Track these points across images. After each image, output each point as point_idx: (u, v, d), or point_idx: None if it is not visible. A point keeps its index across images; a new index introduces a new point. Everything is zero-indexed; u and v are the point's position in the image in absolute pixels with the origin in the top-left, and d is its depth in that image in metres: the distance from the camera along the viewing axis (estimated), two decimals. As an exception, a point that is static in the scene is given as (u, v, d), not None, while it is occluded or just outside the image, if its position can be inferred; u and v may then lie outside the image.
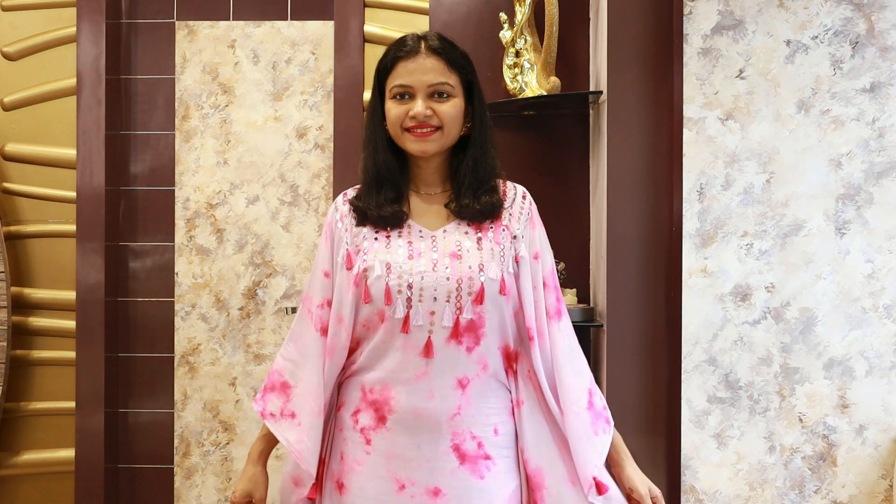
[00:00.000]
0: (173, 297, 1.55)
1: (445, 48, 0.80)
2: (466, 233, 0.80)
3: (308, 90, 1.55)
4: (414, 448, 0.77)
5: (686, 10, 1.21)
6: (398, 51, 0.81)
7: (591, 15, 1.40)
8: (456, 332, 0.77)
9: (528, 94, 1.33)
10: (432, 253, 0.78)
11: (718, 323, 1.22)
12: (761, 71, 1.21)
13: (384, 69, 0.81)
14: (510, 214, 0.82)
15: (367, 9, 1.49)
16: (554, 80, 1.31)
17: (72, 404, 1.50)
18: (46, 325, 1.53)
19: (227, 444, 1.55)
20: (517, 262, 0.80)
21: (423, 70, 0.78)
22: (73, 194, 1.51)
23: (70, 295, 1.52)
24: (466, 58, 0.83)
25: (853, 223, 1.20)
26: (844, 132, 1.20)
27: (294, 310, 1.52)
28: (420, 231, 0.80)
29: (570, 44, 1.39)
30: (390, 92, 0.80)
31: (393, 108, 0.80)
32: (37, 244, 1.54)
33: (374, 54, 1.50)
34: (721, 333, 1.22)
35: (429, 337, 0.77)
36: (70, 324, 1.51)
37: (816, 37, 1.20)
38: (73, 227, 1.51)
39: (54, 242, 1.53)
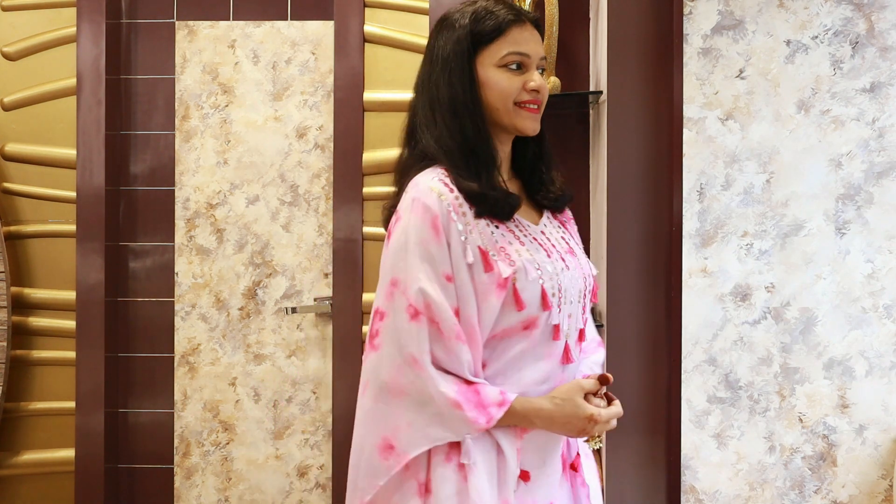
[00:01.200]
0: (173, 297, 1.55)
1: (538, 23, 0.73)
2: (557, 226, 0.74)
3: (308, 90, 1.55)
4: (538, 466, 0.68)
5: (686, 10, 1.21)
6: (508, 14, 0.70)
7: (591, 15, 1.40)
8: (581, 336, 0.72)
9: (528, 94, 1.33)
10: (556, 250, 0.71)
11: (718, 323, 1.21)
12: (761, 71, 1.21)
13: (490, 32, 0.69)
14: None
15: (367, 9, 1.49)
16: (554, 79, 1.31)
17: (72, 404, 1.50)
18: (46, 325, 1.53)
19: (227, 444, 1.55)
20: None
21: (536, 41, 0.70)
22: (73, 194, 1.51)
23: (70, 295, 1.52)
24: None
25: (853, 223, 1.20)
26: (844, 132, 1.20)
27: (294, 310, 1.51)
28: (530, 227, 0.71)
29: (569, 44, 1.39)
30: (503, 59, 0.69)
31: (507, 78, 0.69)
32: (37, 244, 1.54)
33: (373, 54, 1.50)
34: (721, 333, 1.21)
35: (566, 342, 0.70)
36: (70, 324, 1.52)
37: (816, 37, 1.20)
38: (73, 227, 1.51)
39: (54, 242, 1.53)
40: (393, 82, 1.48)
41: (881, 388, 1.19)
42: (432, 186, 0.68)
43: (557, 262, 0.71)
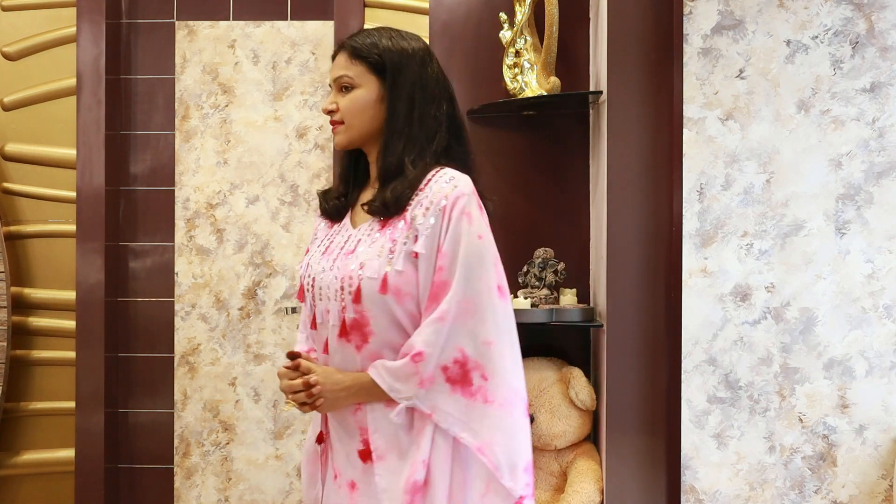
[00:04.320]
0: (173, 297, 1.56)
1: (354, 40, 0.79)
2: (372, 229, 0.78)
3: (308, 90, 1.55)
4: (338, 440, 0.79)
5: (686, 10, 1.21)
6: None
7: (591, 15, 1.40)
8: (344, 331, 0.76)
9: (528, 94, 1.33)
10: (339, 251, 0.79)
11: (718, 323, 1.21)
12: (761, 71, 1.21)
13: None
14: (418, 207, 0.75)
15: (366, 9, 1.49)
16: (554, 80, 1.31)
17: (72, 404, 1.51)
18: (46, 325, 1.53)
19: (227, 444, 1.55)
20: (415, 257, 0.73)
21: (335, 66, 0.81)
22: (73, 194, 1.52)
23: (70, 295, 1.52)
24: (381, 48, 0.78)
25: (853, 223, 1.20)
26: (844, 132, 1.20)
27: (294, 310, 1.52)
28: (348, 229, 0.81)
29: (570, 44, 1.39)
30: None
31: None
32: (37, 244, 1.54)
33: (374, 54, 1.50)
34: (721, 333, 1.21)
35: (326, 335, 0.77)
36: (70, 324, 1.52)
37: (816, 37, 1.20)
38: (73, 227, 1.52)
39: (54, 242, 1.53)
40: None
41: (881, 388, 1.19)
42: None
43: (325, 262, 0.80)
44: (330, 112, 0.80)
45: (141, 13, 1.55)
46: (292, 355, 0.77)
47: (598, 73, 1.32)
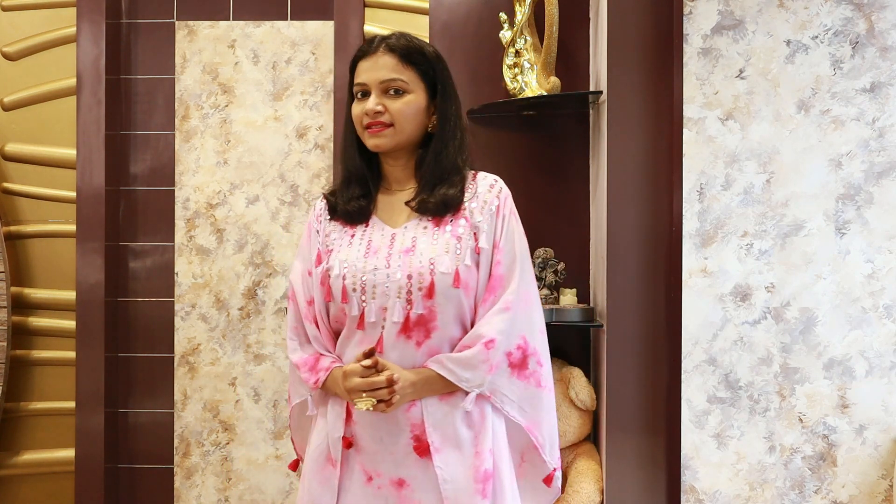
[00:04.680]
0: (173, 297, 1.55)
1: (402, 45, 0.81)
2: (425, 228, 0.81)
3: (308, 90, 1.54)
4: (377, 441, 0.79)
5: (686, 10, 1.21)
6: (359, 51, 0.83)
7: (591, 15, 1.40)
8: (406, 328, 0.78)
9: (528, 94, 1.33)
10: (388, 250, 0.80)
11: (718, 323, 1.21)
12: (761, 71, 1.21)
13: (351, 71, 0.84)
14: (473, 205, 0.82)
15: (367, 9, 1.49)
16: (554, 80, 1.31)
17: (72, 404, 1.50)
18: (46, 325, 1.53)
19: (227, 444, 1.55)
20: (478, 253, 0.80)
21: (377, 67, 0.80)
22: (73, 194, 1.51)
23: (70, 295, 1.52)
24: (430, 56, 0.83)
25: (853, 223, 1.20)
26: (844, 132, 1.20)
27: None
28: (382, 229, 0.82)
29: (569, 44, 1.39)
30: (353, 92, 0.83)
31: (354, 108, 0.82)
32: (37, 244, 1.53)
33: (374, 54, 1.50)
34: (721, 333, 1.21)
35: (381, 333, 0.78)
36: (70, 324, 1.51)
37: (816, 37, 1.20)
38: (73, 227, 1.51)
39: (54, 242, 1.53)
40: None
41: (881, 388, 1.19)
42: (315, 202, 0.89)
43: (376, 261, 0.80)
44: (377, 113, 0.79)
45: (141, 13, 1.55)
46: (370, 353, 0.76)
47: (598, 73, 1.32)
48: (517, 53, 1.36)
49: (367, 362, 0.76)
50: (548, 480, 0.83)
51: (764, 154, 1.22)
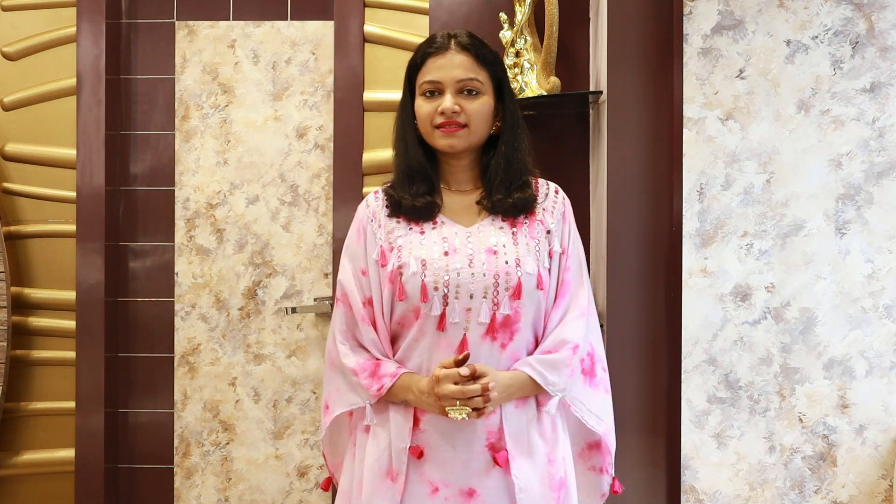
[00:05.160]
0: (173, 297, 1.55)
1: (475, 45, 0.81)
2: (501, 228, 0.80)
3: (308, 90, 1.55)
4: (448, 449, 0.76)
5: (686, 10, 1.22)
6: (428, 47, 0.81)
7: (591, 15, 1.40)
8: (492, 329, 0.76)
9: (528, 94, 1.33)
10: (467, 249, 0.78)
11: (718, 323, 1.22)
12: (761, 71, 1.21)
13: (414, 66, 0.82)
14: (543, 209, 0.83)
15: (366, 9, 1.49)
16: (554, 80, 1.31)
17: (72, 404, 1.50)
18: (46, 325, 1.53)
19: (227, 444, 1.55)
20: (550, 256, 0.80)
21: (452, 66, 0.79)
22: (73, 194, 1.51)
23: (70, 295, 1.52)
24: (497, 56, 0.83)
25: (853, 223, 1.20)
26: (844, 132, 1.20)
27: (294, 310, 1.51)
28: (454, 227, 0.80)
29: (569, 44, 1.40)
30: (420, 88, 0.81)
31: (423, 105, 0.80)
32: (37, 244, 1.54)
33: (373, 54, 1.50)
34: (721, 333, 1.22)
35: (464, 334, 0.76)
36: (70, 324, 1.52)
37: (816, 37, 1.20)
38: (73, 227, 1.51)
39: (54, 242, 1.53)
40: (393, 82, 1.48)
41: (881, 388, 1.19)
42: (367, 199, 0.86)
43: (458, 260, 0.77)
44: (454, 113, 0.78)
45: (141, 13, 1.55)
46: (464, 360, 0.73)
47: (598, 73, 1.32)
48: (517, 53, 1.36)
49: (466, 371, 0.73)
50: (610, 487, 0.87)
51: (764, 154, 1.22)
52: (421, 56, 0.81)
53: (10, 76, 1.53)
